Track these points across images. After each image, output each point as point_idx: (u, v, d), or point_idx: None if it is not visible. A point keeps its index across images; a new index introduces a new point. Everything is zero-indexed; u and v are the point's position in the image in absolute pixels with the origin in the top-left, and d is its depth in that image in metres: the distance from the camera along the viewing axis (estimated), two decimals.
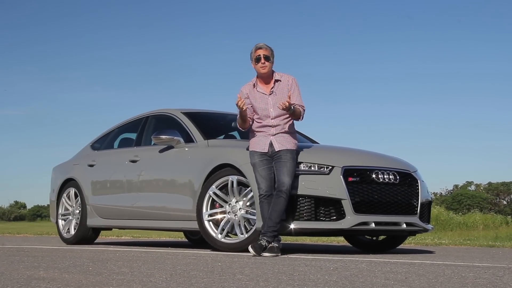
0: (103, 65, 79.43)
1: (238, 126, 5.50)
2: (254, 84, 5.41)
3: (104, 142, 8.05)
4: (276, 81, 5.38)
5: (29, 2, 77.13)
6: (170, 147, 6.52)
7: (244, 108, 5.22)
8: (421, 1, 69.66)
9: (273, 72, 5.42)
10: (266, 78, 5.38)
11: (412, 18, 69.57)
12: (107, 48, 78.17)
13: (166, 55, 77.77)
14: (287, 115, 5.34)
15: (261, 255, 4.98)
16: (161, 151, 6.62)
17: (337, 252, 6.07)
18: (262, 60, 5.30)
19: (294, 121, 5.44)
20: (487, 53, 73.84)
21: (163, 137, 6.39)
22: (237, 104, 5.20)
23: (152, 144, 6.85)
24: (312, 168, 5.41)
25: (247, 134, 5.66)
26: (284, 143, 5.30)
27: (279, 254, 5.07)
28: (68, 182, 7.91)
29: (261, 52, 5.32)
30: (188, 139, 6.43)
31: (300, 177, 5.34)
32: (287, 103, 5.12)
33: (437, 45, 74.67)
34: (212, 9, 75.07)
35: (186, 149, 6.35)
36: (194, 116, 6.77)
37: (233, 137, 7.06)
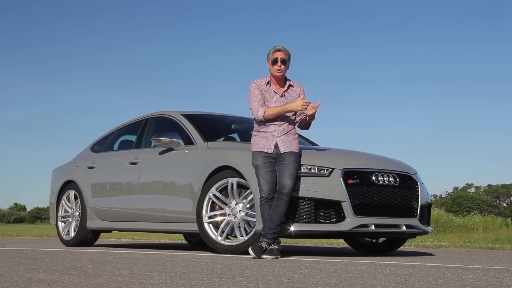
0: (103, 67, 79.34)
1: (266, 115, 5.29)
2: (268, 82, 5.44)
3: (104, 144, 8.05)
4: (290, 86, 5.45)
5: (30, 3, 77.13)
6: (170, 149, 6.52)
7: (303, 109, 5.26)
8: (421, 1, 69.66)
9: (285, 76, 5.48)
10: (279, 80, 5.43)
11: (412, 19, 69.61)
12: (107, 50, 78.12)
13: (166, 57, 77.73)
14: (293, 118, 5.38)
15: (261, 257, 4.98)
16: (161, 153, 6.62)
17: (337, 254, 6.07)
18: (279, 63, 5.33)
19: (302, 130, 5.56)
20: (487, 55, 73.79)
21: (163, 139, 6.39)
22: (301, 101, 5.23)
23: (152, 146, 6.86)
24: (312, 171, 5.41)
25: (247, 136, 5.66)
26: (289, 145, 5.31)
27: (279, 256, 5.07)
28: (68, 184, 7.91)
29: (279, 55, 5.35)
30: (188, 141, 6.43)
31: (300, 179, 5.34)
32: (315, 108, 5.24)
33: (437, 46, 74.65)
34: (213, 11, 75.06)
35: (186, 151, 6.35)
36: (194, 118, 6.77)
37: (233, 139, 7.06)
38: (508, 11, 65.78)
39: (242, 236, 5.57)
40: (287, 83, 5.47)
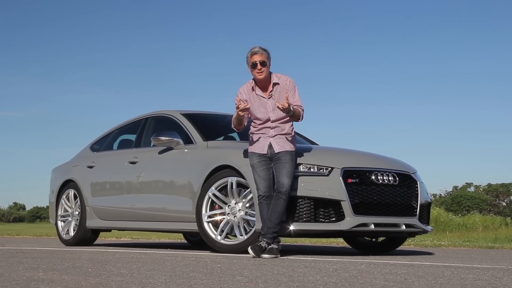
0: (103, 67, 79.34)
1: (233, 127, 5.49)
2: (252, 87, 5.40)
3: (103, 144, 8.05)
4: (275, 84, 5.36)
5: (30, 3, 77.10)
6: (169, 149, 6.52)
7: (244, 111, 5.22)
8: (421, 1, 69.67)
9: (270, 74, 5.40)
10: (264, 82, 5.36)
11: (411, 18, 69.56)
12: (107, 49, 78.11)
13: (166, 56, 77.72)
14: (287, 118, 5.33)
15: (260, 257, 4.98)
16: (161, 152, 6.62)
17: (337, 254, 6.07)
18: (259, 67, 5.26)
19: (294, 122, 5.44)
20: (487, 54, 73.79)
21: (163, 138, 6.39)
22: (237, 106, 5.19)
23: (151, 145, 6.86)
24: (312, 170, 5.41)
25: (247, 135, 5.66)
26: (283, 144, 5.29)
27: (279, 255, 5.07)
28: (68, 184, 7.91)
29: (257, 59, 5.26)
30: (188, 140, 6.43)
31: (300, 178, 5.34)
32: (286, 104, 5.12)
33: (437, 46, 74.64)
34: (213, 10, 75.02)
35: (186, 150, 6.35)
36: (193, 118, 6.77)
37: (233, 138, 7.05)
38: (508, 11, 65.78)
39: (241, 235, 5.57)
40: (272, 82, 5.37)
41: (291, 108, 5.19)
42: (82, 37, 75.04)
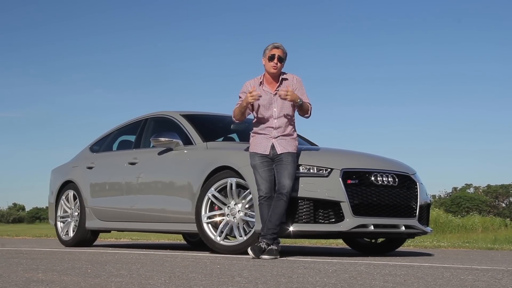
0: (103, 67, 79.44)
1: (233, 117, 5.47)
2: (261, 82, 5.41)
3: (103, 144, 8.05)
4: (282, 80, 5.39)
5: (30, 3, 77.15)
6: (169, 150, 6.52)
7: (255, 100, 5.21)
8: (421, 1, 69.76)
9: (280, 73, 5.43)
10: (274, 77, 5.39)
11: (411, 19, 69.66)
12: (107, 50, 78.21)
13: (166, 57, 77.79)
14: (290, 116, 5.35)
15: (260, 258, 4.98)
16: (160, 153, 6.62)
17: (336, 255, 6.07)
18: (275, 61, 5.30)
19: (301, 118, 5.45)
20: (487, 55, 73.95)
21: (162, 139, 6.39)
22: (249, 94, 5.17)
23: (151, 146, 6.86)
24: (311, 171, 5.41)
25: (246, 136, 5.66)
26: (286, 146, 5.30)
27: (278, 256, 5.07)
28: (67, 184, 7.90)
29: (276, 52, 5.30)
30: (187, 141, 6.43)
31: (299, 179, 5.34)
32: (287, 91, 5.13)
33: (437, 46, 74.77)
34: (214, 11, 75.14)
35: (185, 151, 6.35)
36: (193, 119, 6.77)
37: (232, 139, 7.06)
38: (508, 11, 65.85)
39: (241, 236, 5.57)
40: (280, 79, 5.40)
41: (300, 100, 5.24)
42: (82, 38, 75.10)
